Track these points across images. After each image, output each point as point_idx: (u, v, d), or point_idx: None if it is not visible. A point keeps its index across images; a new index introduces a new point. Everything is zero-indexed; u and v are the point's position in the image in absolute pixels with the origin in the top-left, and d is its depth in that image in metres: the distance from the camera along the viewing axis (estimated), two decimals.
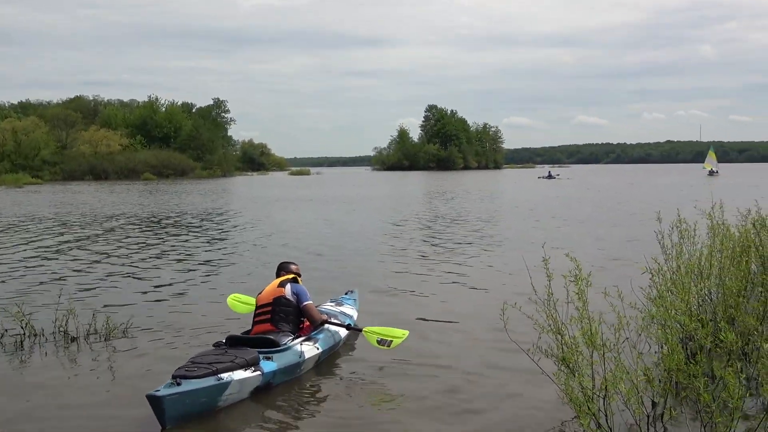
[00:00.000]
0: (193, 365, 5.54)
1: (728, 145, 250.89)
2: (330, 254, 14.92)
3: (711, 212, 7.40)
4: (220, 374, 5.47)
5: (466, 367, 6.63)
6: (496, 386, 6.10)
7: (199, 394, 5.29)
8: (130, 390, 6.02)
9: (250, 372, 5.75)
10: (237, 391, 5.62)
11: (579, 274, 4.73)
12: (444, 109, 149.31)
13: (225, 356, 5.76)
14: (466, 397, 5.83)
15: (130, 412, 5.52)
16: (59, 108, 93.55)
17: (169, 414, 5.08)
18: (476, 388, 6.05)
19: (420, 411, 5.58)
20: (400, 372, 6.56)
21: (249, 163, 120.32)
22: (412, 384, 6.20)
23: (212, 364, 5.53)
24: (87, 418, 5.50)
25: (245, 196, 42.13)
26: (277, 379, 6.07)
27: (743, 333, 5.30)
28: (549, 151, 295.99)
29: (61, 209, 30.09)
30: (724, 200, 7.82)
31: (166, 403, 5.05)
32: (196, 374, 5.34)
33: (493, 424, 5.26)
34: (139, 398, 5.45)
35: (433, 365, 6.74)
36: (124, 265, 13.43)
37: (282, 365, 6.11)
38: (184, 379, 5.25)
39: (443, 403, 5.72)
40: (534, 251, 12.71)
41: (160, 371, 6.39)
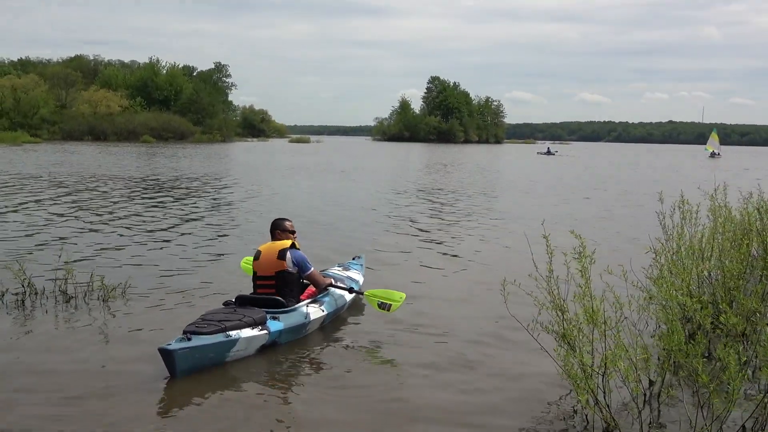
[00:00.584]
0: (203, 322, 5.82)
1: (730, 127, 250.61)
2: (328, 223, 14.92)
3: (713, 194, 7.41)
4: (229, 331, 5.76)
5: (464, 340, 6.67)
6: (495, 360, 6.14)
7: (208, 349, 5.59)
8: (136, 346, 6.25)
9: (257, 330, 6.02)
10: (244, 348, 5.90)
11: (583, 251, 4.74)
12: (447, 82, 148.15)
13: (234, 315, 6.02)
14: (463, 370, 5.87)
15: (136, 366, 5.73)
16: (59, 66, 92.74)
17: (180, 367, 5.39)
18: (473, 361, 6.08)
19: (415, 379, 5.66)
20: (399, 340, 6.68)
21: (249, 129, 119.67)
22: (409, 352, 6.31)
23: (221, 321, 5.82)
24: (90, 372, 5.61)
25: (245, 162, 42.02)
26: (282, 338, 6.32)
27: (742, 315, 5.32)
28: (551, 127, 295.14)
29: (60, 169, 30.01)
30: (726, 182, 7.84)
31: (177, 356, 5.35)
32: (206, 330, 5.63)
33: (490, 397, 5.30)
34: (141, 354, 5.89)
35: (431, 335, 6.81)
36: (123, 227, 13.43)
37: (288, 325, 6.36)
38: (194, 335, 5.54)
39: (439, 373, 5.77)
40: (533, 227, 12.75)
41: (159, 329, 6.67)
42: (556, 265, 4.83)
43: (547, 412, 4.94)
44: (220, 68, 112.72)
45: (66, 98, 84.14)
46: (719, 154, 75.89)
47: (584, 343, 4.49)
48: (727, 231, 6.97)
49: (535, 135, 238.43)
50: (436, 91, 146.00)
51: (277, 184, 26.12)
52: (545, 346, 5.00)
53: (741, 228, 7.12)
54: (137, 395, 5.18)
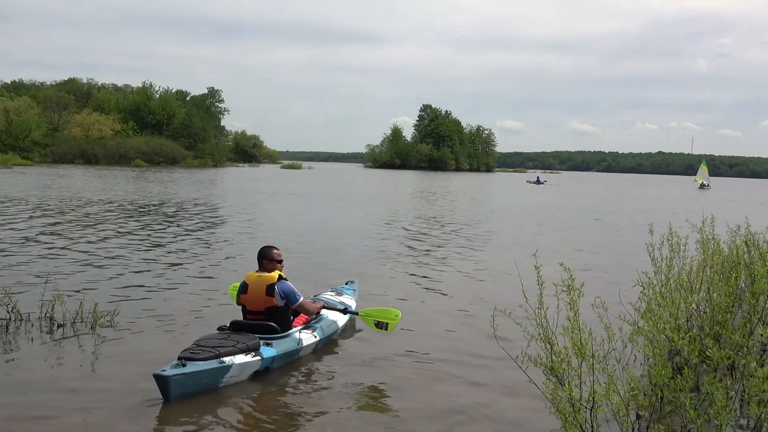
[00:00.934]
0: (197, 348, 5.90)
1: (719, 159, 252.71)
2: (316, 250, 14.90)
3: (702, 227, 7.45)
4: (223, 358, 5.85)
5: (452, 371, 6.65)
6: (484, 391, 6.11)
7: (202, 375, 5.67)
8: (126, 371, 6.24)
9: (251, 357, 6.13)
10: (237, 374, 5.99)
11: (571, 284, 4.74)
12: (438, 110, 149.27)
13: (228, 341, 6.11)
14: (452, 400, 5.85)
15: (126, 391, 5.72)
16: (52, 89, 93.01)
17: (174, 392, 5.46)
18: (463, 392, 6.06)
19: (403, 407, 5.66)
20: (388, 368, 6.72)
21: (241, 154, 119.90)
22: (397, 380, 6.35)
23: (215, 347, 5.91)
24: (73, 400, 5.56)
25: (236, 188, 41.99)
26: (275, 363, 6.41)
27: (730, 349, 5.33)
28: (541, 156, 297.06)
29: (49, 192, 29.91)
30: (715, 215, 7.89)
31: (171, 382, 5.43)
32: (200, 357, 5.72)
33: (479, 429, 5.27)
34: (132, 379, 5.95)
35: (420, 364, 6.83)
36: (112, 252, 13.35)
37: (281, 351, 6.47)
38: (189, 361, 5.62)
39: (427, 403, 5.75)
40: (523, 256, 12.76)
41: (148, 355, 6.65)
42: (546, 296, 4.84)
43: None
44: (213, 93, 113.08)
45: (58, 121, 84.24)
46: (709, 185, 76.64)
47: (572, 376, 4.48)
48: (716, 264, 7.00)
49: (525, 164, 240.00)
50: (428, 119, 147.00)
51: (268, 210, 26.09)
52: (534, 379, 4.98)
53: (729, 261, 7.15)
54: (129, 420, 5.17)
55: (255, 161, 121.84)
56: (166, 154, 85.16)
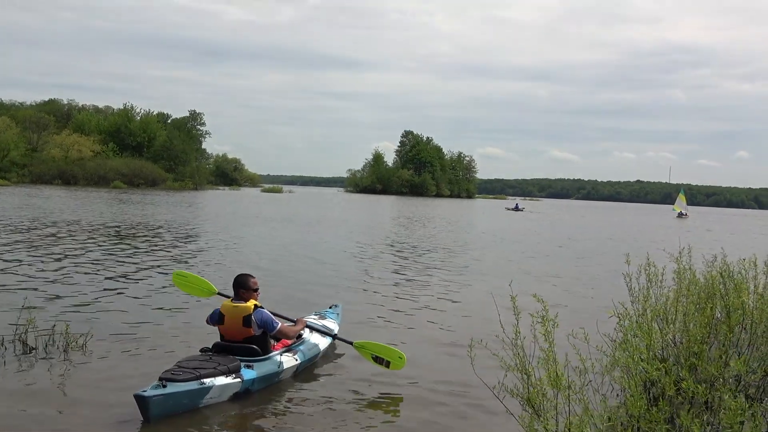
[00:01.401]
0: (179, 369, 5.96)
1: (696, 188, 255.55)
2: (295, 274, 14.84)
3: (679, 257, 7.51)
4: (203, 379, 5.93)
5: (430, 401, 6.65)
6: (460, 421, 6.10)
7: (182, 396, 5.74)
8: (102, 392, 6.29)
9: (231, 378, 6.21)
10: (218, 395, 6.08)
11: (546, 315, 4.75)
12: (420, 136, 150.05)
13: (209, 362, 6.18)
14: (428, 428, 5.82)
15: (102, 412, 5.79)
16: (32, 110, 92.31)
17: (153, 412, 5.53)
18: (439, 421, 6.04)
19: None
20: (366, 395, 6.78)
21: (221, 177, 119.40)
22: (375, 409, 6.39)
23: (196, 369, 5.98)
24: (50, 421, 5.59)
25: (215, 211, 41.80)
26: (255, 386, 6.48)
27: (705, 381, 5.35)
28: (522, 183, 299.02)
29: (26, 213, 29.57)
30: (692, 244, 7.96)
31: (151, 402, 5.50)
32: (180, 378, 5.78)
33: None
34: (107, 399, 6.03)
35: (397, 394, 6.83)
36: (87, 273, 13.21)
37: (261, 374, 6.54)
38: (169, 382, 5.69)
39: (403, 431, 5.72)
40: (500, 284, 12.80)
41: (121, 378, 6.68)
42: (522, 326, 4.84)
43: None
44: (195, 116, 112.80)
45: (37, 142, 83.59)
46: (686, 215, 77.59)
47: (549, 408, 4.47)
48: (692, 294, 7.04)
49: (506, 191, 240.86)
50: (409, 144, 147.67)
51: (246, 233, 25.97)
52: (511, 409, 4.97)
53: (705, 292, 7.20)
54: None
55: (236, 184, 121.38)
56: (146, 176, 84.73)
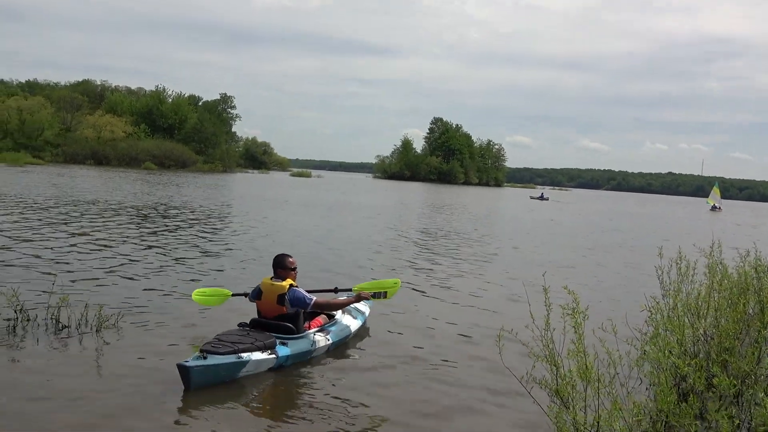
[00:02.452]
0: (218, 342, 6.37)
1: (728, 181, 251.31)
2: (324, 259, 14.89)
3: (711, 251, 7.41)
4: (241, 353, 6.32)
5: (457, 386, 6.65)
6: (487, 411, 6.09)
7: (221, 368, 6.14)
8: (136, 368, 6.53)
9: (267, 354, 6.60)
10: (253, 369, 6.47)
11: (576, 308, 4.73)
12: (449, 123, 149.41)
13: (247, 338, 6.58)
14: (455, 417, 5.83)
15: (138, 387, 5.98)
16: (66, 90, 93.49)
17: (195, 381, 5.94)
18: (466, 410, 6.04)
19: (404, 419, 5.74)
20: (393, 377, 6.91)
21: (250, 161, 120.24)
22: (401, 392, 6.48)
23: (235, 343, 6.38)
24: (89, 393, 5.77)
25: (246, 194, 42.10)
26: (289, 362, 6.86)
27: (737, 377, 5.29)
28: (551, 173, 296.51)
29: (59, 192, 30.03)
30: (726, 239, 7.85)
31: (192, 372, 5.92)
32: (220, 351, 6.19)
33: None
34: (141, 375, 6.31)
35: (422, 378, 6.87)
36: (120, 254, 13.39)
37: (295, 351, 6.93)
38: (209, 354, 6.11)
39: (427, 419, 5.74)
40: (527, 274, 12.73)
41: (154, 354, 6.95)
42: (552, 317, 4.82)
43: None
44: (226, 99, 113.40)
45: (71, 122, 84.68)
46: (720, 208, 76.47)
47: (577, 400, 4.45)
48: (724, 289, 6.95)
49: (534, 180, 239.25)
50: (438, 132, 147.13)
51: (277, 216, 26.12)
52: (538, 400, 4.96)
53: (738, 286, 7.10)
54: (151, 407, 5.62)
55: (265, 168, 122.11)
56: (176, 158, 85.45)
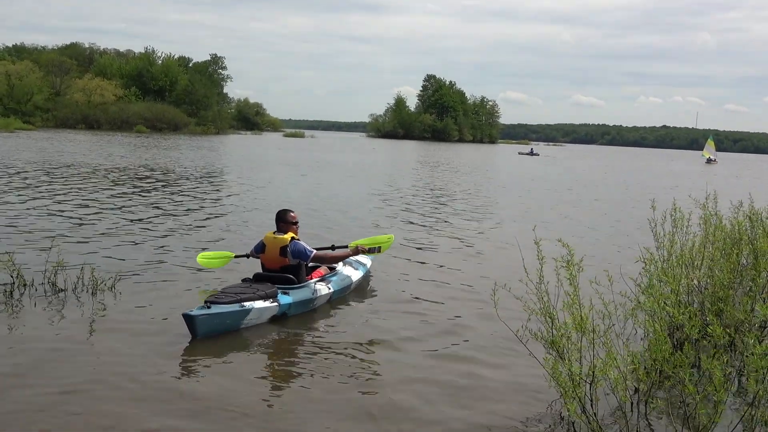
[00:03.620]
0: (222, 294, 6.76)
1: (723, 134, 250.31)
2: (317, 218, 14.89)
3: (705, 203, 7.43)
4: (243, 302, 6.69)
5: (453, 342, 6.71)
6: (483, 364, 6.15)
7: (225, 317, 6.51)
8: (136, 325, 6.78)
9: (269, 303, 6.95)
10: (257, 317, 6.83)
11: (571, 259, 4.75)
12: (443, 80, 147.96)
13: (249, 289, 6.95)
14: (451, 371, 5.89)
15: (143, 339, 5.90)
16: (54, 54, 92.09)
17: (200, 330, 6.32)
18: (462, 364, 6.10)
19: (400, 373, 5.81)
20: (392, 328, 7.09)
21: (243, 122, 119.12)
22: (398, 343, 6.64)
23: (238, 294, 6.76)
24: (93, 348, 5.90)
25: (239, 155, 41.91)
26: (292, 310, 7.24)
27: (731, 326, 5.35)
28: (545, 128, 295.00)
29: (51, 157, 29.83)
30: (721, 190, 7.87)
31: (197, 321, 6.29)
32: (223, 300, 6.58)
33: (477, 401, 5.30)
34: (140, 331, 6.56)
35: (417, 332, 6.97)
36: (114, 217, 13.37)
37: (296, 299, 7.30)
38: (213, 304, 6.48)
39: (427, 372, 5.81)
40: (521, 229, 12.77)
41: (152, 312, 7.18)
42: (546, 270, 4.85)
43: (534, 419, 4.95)
44: (216, 60, 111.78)
45: (60, 86, 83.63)
46: (715, 161, 76.85)
47: (572, 351, 4.49)
48: (718, 240, 6.99)
49: (529, 136, 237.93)
50: (431, 89, 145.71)
51: (270, 177, 26.05)
52: (534, 353, 5.01)
53: (731, 237, 7.14)
54: (159, 355, 5.98)
55: (257, 129, 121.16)
56: (168, 121, 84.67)
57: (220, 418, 4.81)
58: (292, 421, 4.85)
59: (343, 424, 4.84)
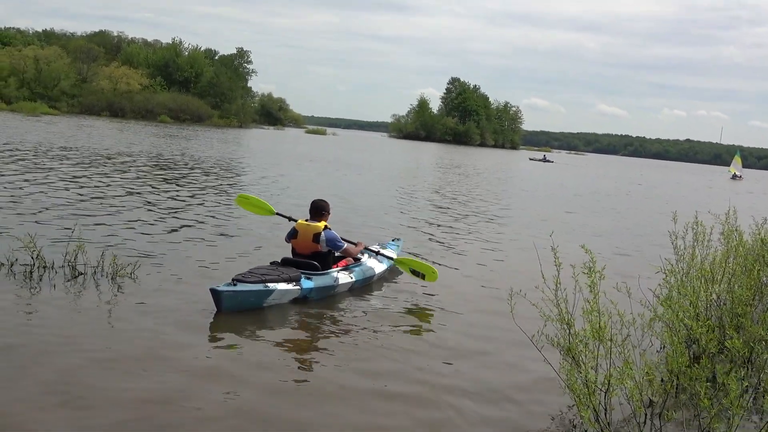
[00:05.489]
0: (249, 273, 7.22)
1: (747, 150, 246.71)
2: (337, 217, 14.91)
3: (726, 218, 7.38)
4: (267, 283, 7.14)
5: (468, 345, 6.71)
6: (497, 368, 6.15)
7: (249, 294, 6.99)
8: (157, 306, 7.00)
9: (292, 285, 7.40)
10: (279, 298, 7.28)
11: (593, 266, 4.72)
12: (467, 84, 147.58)
13: (274, 271, 7.41)
14: (465, 374, 5.89)
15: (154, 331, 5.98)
16: (83, 40, 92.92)
17: (225, 304, 6.80)
18: (477, 367, 6.10)
19: (414, 373, 5.81)
20: (408, 326, 7.23)
21: (266, 117, 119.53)
22: (412, 343, 6.70)
23: (263, 275, 7.23)
24: (93, 346, 5.71)
25: (263, 149, 42.10)
26: (313, 294, 7.66)
27: (749, 341, 5.29)
28: (567, 137, 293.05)
29: (76, 143, 30.12)
30: (746, 207, 7.79)
31: (223, 296, 6.76)
32: (249, 280, 7.05)
33: (491, 405, 5.30)
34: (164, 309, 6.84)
35: (434, 336, 6.95)
36: (137, 205, 13.49)
37: (318, 285, 7.71)
38: (239, 282, 6.96)
39: (439, 375, 5.79)
40: (539, 235, 12.73)
41: (172, 296, 7.42)
42: (563, 277, 4.82)
43: (546, 425, 4.94)
44: (242, 54, 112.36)
45: (87, 72, 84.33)
46: (741, 177, 76.03)
47: (589, 358, 4.47)
48: (739, 256, 6.93)
49: (551, 143, 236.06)
50: (455, 92, 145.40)
51: (292, 172, 26.15)
52: (549, 359, 4.99)
53: (753, 253, 7.08)
54: (184, 328, 6.43)
55: (280, 124, 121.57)
56: (192, 112, 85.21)
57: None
58: (295, 406, 4.93)
59: (344, 410, 4.99)
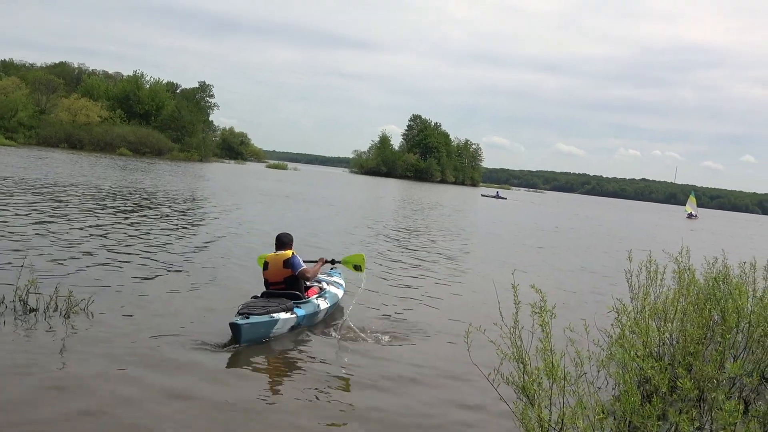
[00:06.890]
0: (250, 306, 7.57)
1: (700, 190, 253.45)
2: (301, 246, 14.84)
3: (678, 257, 7.53)
4: (272, 314, 7.62)
5: (425, 382, 6.71)
6: (454, 406, 6.15)
7: (260, 326, 7.44)
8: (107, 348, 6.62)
9: (290, 314, 7.93)
10: (281, 327, 7.77)
11: (544, 306, 4.78)
12: (428, 121, 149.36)
13: (271, 303, 7.84)
14: (421, 411, 5.88)
15: None
16: (42, 71, 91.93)
17: (245, 337, 7.22)
18: (433, 405, 6.09)
19: (370, 411, 5.74)
20: (367, 367, 7.12)
21: (227, 151, 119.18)
22: (373, 381, 6.62)
23: (264, 306, 7.65)
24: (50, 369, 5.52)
25: (221, 183, 41.82)
26: (305, 322, 8.25)
27: (700, 380, 5.38)
28: (527, 174, 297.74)
29: (31, 175, 29.59)
30: (701, 246, 7.99)
31: (243, 329, 7.19)
32: (257, 312, 7.47)
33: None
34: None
35: (392, 372, 6.93)
36: (91, 238, 13.26)
37: (308, 312, 8.33)
38: (250, 315, 7.35)
39: (396, 412, 5.79)
40: (495, 273, 12.82)
41: (124, 336, 7.19)
42: (520, 316, 4.86)
43: None
44: (204, 87, 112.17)
45: (46, 104, 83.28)
46: (696, 216, 78.74)
47: (543, 397, 4.51)
48: (691, 295, 7.06)
49: (510, 181, 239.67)
50: (416, 129, 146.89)
51: (249, 206, 26.02)
52: (505, 397, 5.01)
53: (704, 293, 7.22)
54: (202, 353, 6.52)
55: (241, 158, 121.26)
56: (152, 145, 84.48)
57: None
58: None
59: None
